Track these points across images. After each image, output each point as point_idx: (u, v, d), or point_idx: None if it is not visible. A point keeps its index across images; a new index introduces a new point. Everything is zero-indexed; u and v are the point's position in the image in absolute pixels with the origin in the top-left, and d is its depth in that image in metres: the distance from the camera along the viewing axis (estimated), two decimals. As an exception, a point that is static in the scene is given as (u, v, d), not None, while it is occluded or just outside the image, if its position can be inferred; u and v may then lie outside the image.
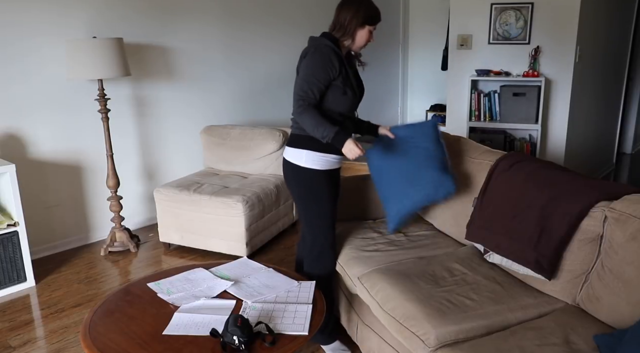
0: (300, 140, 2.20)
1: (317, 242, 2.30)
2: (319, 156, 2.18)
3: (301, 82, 2.10)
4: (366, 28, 2.17)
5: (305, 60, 2.12)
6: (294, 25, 5.03)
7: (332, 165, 2.24)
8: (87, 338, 1.71)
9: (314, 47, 2.13)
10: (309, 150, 2.17)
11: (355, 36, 2.18)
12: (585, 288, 1.92)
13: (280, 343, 1.66)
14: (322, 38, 2.15)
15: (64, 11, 3.39)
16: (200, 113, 4.31)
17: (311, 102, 2.08)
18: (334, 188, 2.28)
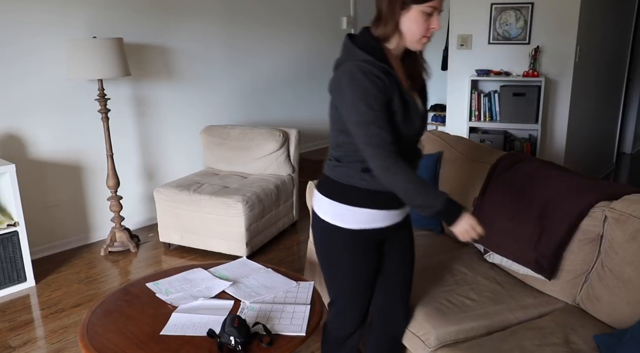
0: (327, 185, 1.62)
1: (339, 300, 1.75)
2: (347, 210, 1.57)
3: (358, 127, 1.45)
4: (414, 9, 1.45)
5: (343, 94, 1.47)
6: (296, 24, 5.03)
7: (371, 223, 1.60)
8: (85, 338, 1.71)
9: (348, 72, 1.45)
10: (336, 202, 1.58)
11: (401, 26, 1.48)
12: (585, 288, 1.92)
13: (277, 344, 1.66)
14: (356, 48, 1.48)
15: (64, 11, 3.39)
16: (200, 113, 4.31)
17: (391, 148, 1.44)
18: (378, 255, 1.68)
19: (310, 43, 5.23)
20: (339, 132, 1.56)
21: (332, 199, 1.59)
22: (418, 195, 1.45)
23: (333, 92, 1.52)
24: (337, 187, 1.59)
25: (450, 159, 2.62)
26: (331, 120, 1.58)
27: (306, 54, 5.21)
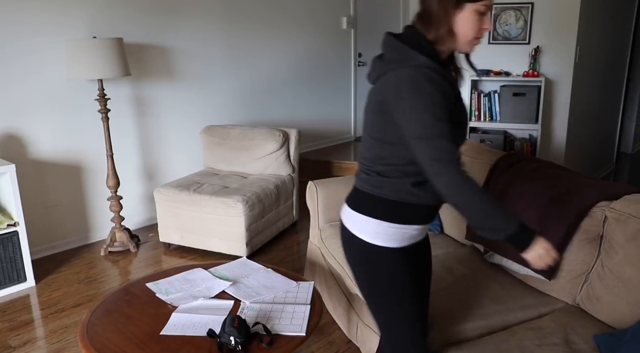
0: (368, 202, 1.45)
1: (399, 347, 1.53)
2: (392, 228, 1.43)
3: (423, 140, 1.29)
4: (468, 8, 1.33)
5: (403, 103, 1.30)
6: (296, 23, 5.03)
7: (412, 238, 1.50)
8: (84, 338, 1.71)
9: (409, 78, 1.30)
10: (379, 220, 1.43)
11: (454, 26, 1.35)
12: (585, 288, 1.92)
13: (277, 344, 1.66)
14: (411, 50, 1.34)
15: (63, 11, 3.39)
16: (200, 113, 4.31)
17: (460, 163, 1.30)
18: (417, 269, 1.57)
19: (311, 43, 5.23)
20: (383, 143, 1.40)
21: (374, 217, 1.42)
22: (489, 217, 1.29)
23: (385, 100, 1.35)
24: (380, 203, 1.42)
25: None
26: (372, 129, 1.42)
27: (306, 54, 5.21)
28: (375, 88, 1.41)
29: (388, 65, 1.37)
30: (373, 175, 1.44)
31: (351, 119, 5.94)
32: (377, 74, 1.40)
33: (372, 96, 1.42)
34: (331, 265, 2.55)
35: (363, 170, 1.47)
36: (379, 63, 1.41)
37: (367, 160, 1.46)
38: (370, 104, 1.42)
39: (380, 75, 1.38)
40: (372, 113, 1.41)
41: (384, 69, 1.38)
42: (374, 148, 1.43)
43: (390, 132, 1.37)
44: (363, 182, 1.46)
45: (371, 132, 1.43)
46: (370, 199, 1.44)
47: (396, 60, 1.36)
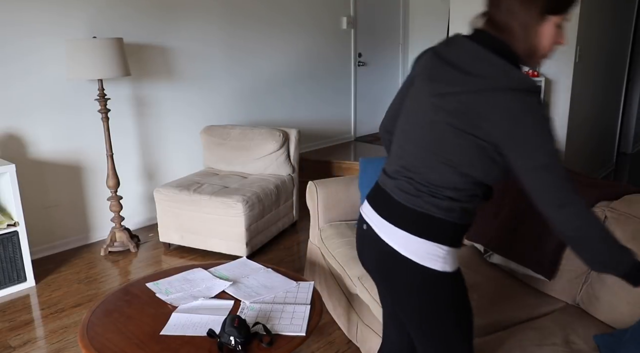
0: (437, 227, 1.29)
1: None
2: (454, 251, 1.34)
3: (545, 171, 1.15)
4: (551, 21, 1.21)
5: (521, 130, 1.15)
6: (296, 23, 5.03)
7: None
8: (84, 338, 1.71)
9: (522, 102, 1.15)
10: (447, 246, 1.30)
11: (536, 39, 1.23)
12: (585, 288, 1.92)
13: (277, 344, 1.66)
14: (515, 68, 1.19)
15: (63, 11, 3.39)
16: (200, 113, 4.31)
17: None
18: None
19: (311, 43, 5.23)
20: (457, 171, 1.25)
21: (442, 243, 1.29)
22: (609, 251, 1.18)
23: (485, 124, 1.18)
24: (450, 229, 1.29)
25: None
26: (443, 151, 1.25)
27: (306, 54, 5.21)
28: (460, 105, 1.20)
29: (484, 81, 1.18)
30: (444, 199, 1.27)
31: (351, 119, 5.94)
32: (463, 89, 1.20)
33: (449, 112, 1.22)
34: (331, 265, 2.55)
35: (428, 192, 1.28)
36: (459, 75, 1.22)
37: (433, 182, 1.27)
38: (446, 120, 1.23)
39: (471, 92, 1.19)
40: (448, 132, 1.23)
41: (479, 86, 1.18)
42: (444, 173, 1.26)
43: (470, 156, 1.23)
44: (430, 205, 1.27)
45: (440, 153, 1.26)
46: (441, 225, 1.28)
47: (494, 76, 1.18)
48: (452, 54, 1.27)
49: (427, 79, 1.31)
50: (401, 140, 1.37)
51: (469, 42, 1.26)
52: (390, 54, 6.34)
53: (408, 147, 1.34)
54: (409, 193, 1.30)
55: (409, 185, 1.31)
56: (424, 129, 1.29)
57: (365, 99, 6.08)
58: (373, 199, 1.41)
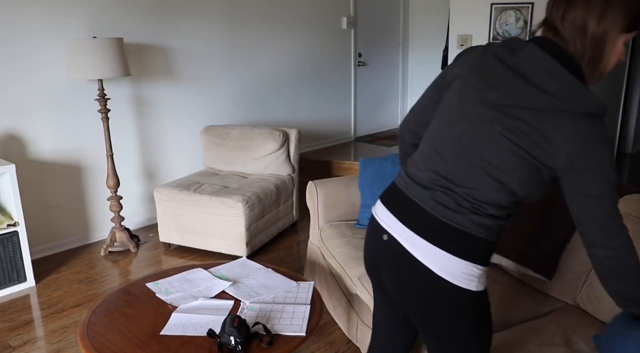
0: (477, 247, 1.21)
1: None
2: (486, 270, 1.27)
3: (603, 197, 1.13)
4: (623, 38, 1.16)
5: (593, 156, 1.10)
6: (295, 24, 5.03)
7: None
8: (84, 338, 1.71)
9: (595, 127, 1.10)
10: (482, 265, 1.24)
11: (603, 57, 1.16)
12: (585, 288, 1.92)
13: (277, 344, 1.66)
14: (583, 87, 1.11)
15: (64, 11, 3.39)
16: (200, 113, 4.31)
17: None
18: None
19: (310, 43, 5.23)
20: (506, 193, 1.18)
21: (478, 263, 1.21)
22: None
23: (550, 147, 1.11)
24: (489, 248, 1.23)
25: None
26: (496, 169, 1.16)
27: (306, 54, 5.21)
28: (525, 123, 1.12)
29: (558, 102, 1.09)
30: (486, 217, 1.20)
31: (351, 119, 5.94)
32: (533, 106, 1.11)
33: (509, 128, 1.14)
34: (331, 265, 2.55)
35: (470, 209, 1.20)
36: (531, 90, 1.12)
37: (477, 198, 1.19)
38: (503, 134, 1.15)
39: (540, 111, 1.11)
40: (504, 148, 1.15)
41: (551, 106, 1.10)
42: (490, 189, 1.18)
43: (522, 176, 1.16)
44: (472, 224, 1.19)
45: (490, 168, 1.17)
46: (481, 244, 1.21)
47: (569, 98, 1.09)
48: (522, 63, 1.14)
49: (482, 83, 1.19)
50: (438, 145, 1.26)
51: (540, 51, 1.14)
52: (390, 53, 6.34)
53: (448, 155, 1.23)
54: (448, 208, 1.21)
55: (448, 197, 1.21)
56: (474, 138, 1.19)
57: (365, 99, 6.08)
58: (394, 206, 1.30)
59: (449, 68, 1.34)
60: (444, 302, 1.23)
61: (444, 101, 1.30)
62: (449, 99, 1.28)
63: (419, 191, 1.26)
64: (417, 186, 1.27)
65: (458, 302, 1.23)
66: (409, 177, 1.31)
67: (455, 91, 1.26)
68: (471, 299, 1.23)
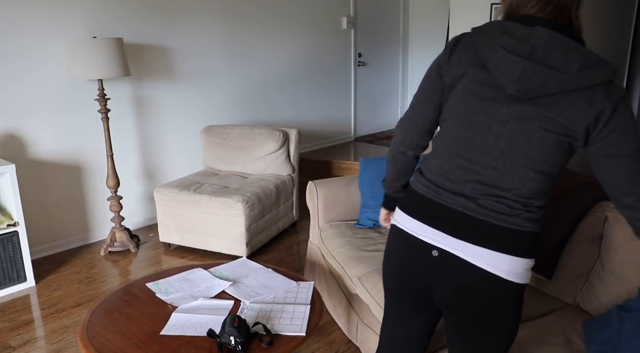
0: (532, 242, 1.23)
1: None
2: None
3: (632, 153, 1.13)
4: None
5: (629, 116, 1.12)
6: (295, 24, 5.03)
7: None
8: (84, 338, 1.71)
9: (625, 97, 1.13)
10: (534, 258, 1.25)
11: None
12: (585, 288, 1.92)
13: (277, 344, 1.66)
14: (593, 52, 1.14)
15: (64, 10, 3.39)
16: (200, 113, 4.31)
17: None
18: None
19: (310, 43, 5.23)
20: (548, 176, 1.19)
21: (531, 257, 1.22)
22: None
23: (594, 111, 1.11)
24: (538, 240, 1.24)
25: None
26: (534, 160, 1.17)
27: (306, 54, 5.21)
28: (562, 106, 1.12)
29: (585, 79, 1.10)
30: (536, 211, 1.21)
31: (351, 119, 5.94)
32: (564, 88, 1.11)
33: (543, 117, 1.14)
34: (331, 265, 2.55)
35: (523, 209, 1.20)
36: (556, 74, 1.10)
37: (527, 195, 1.19)
38: (540, 126, 1.14)
39: (570, 90, 1.11)
40: (546, 138, 1.15)
41: (580, 83, 1.10)
42: (536, 181, 1.18)
43: (564, 159, 1.18)
44: (527, 221, 1.20)
45: (534, 162, 1.17)
46: (536, 239, 1.22)
47: (592, 71, 1.10)
48: (537, 50, 1.11)
49: (501, 79, 1.15)
50: (471, 154, 1.22)
51: (551, 33, 1.11)
52: (390, 53, 6.34)
53: (488, 162, 1.20)
54: (502, 213, 1.20)
55: (499, 204, 1.20)
56: (514, 139, 1.17)
57: (365, 99, 6.08)
58: (437, 221, 1.25)
59: (442, 68, 1.27)
60: (505, 302, 1.23)
61: (456, 105, 1.24)
62: (463, 102, 1.22)
63: (461, 202, 1.23)
64: (456, 196, 1.24)
65: (517, 298, 1.24)
66: (440, 188, 1.26)
67: (469, 93, 1.21)
68: (523, 291, 1.25)
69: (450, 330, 1.37)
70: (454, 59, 1.24)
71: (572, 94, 1.11)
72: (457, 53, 1.24)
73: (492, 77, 1.17)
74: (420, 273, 1.31)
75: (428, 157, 1.35)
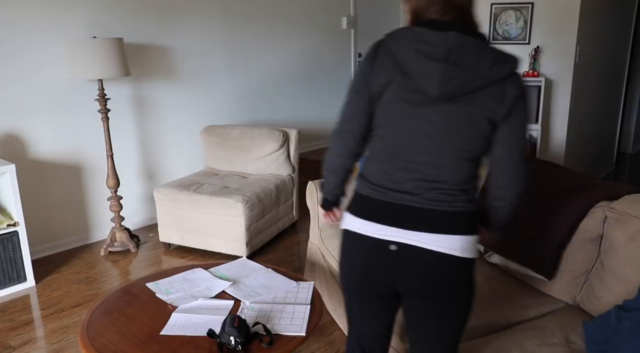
0: (473, 220, 1.37)
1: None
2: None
3: (523, 144, 1.34)
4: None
5: (528, 110, 1.32)
6: (295, 24, 5.03)
7: None
8: (84, 338, 1.71)
9: (522, 79, 1.30)
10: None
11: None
12: (585, 288, 1.92)
13: (277, 344, 1.66)
14: (499, 49, 1.28)
15: (64, 10, 3.39)
16: (200, 113, 4.31)
17: None
18: None
19: (311, 43, 5.23)
20: (477, 162, 1.34)
21: (475, 234, 1.36)
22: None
23: (506, 100, 1.26)
24: (475, 216, 1.38)
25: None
26: (465, 151, 1.30)
27: (306, 54, 5.21)
28: (487, 99, 1.25)
29: (497, 72, 1.24)
30: (472, 192, 1.36)
31: (351, 119, 5.93)
32: (481, 84, 1.24)
33: (474, 109, 1.26)
34: (331, 265, 2.55)
35: (462, 193, 1.33)
36: (472, 73, 1.22)
37: (462, 183, 1.32)
38: (471, 120, 1.27)
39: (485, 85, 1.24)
40: (473, 131, 1.28)
41: (493, 77, 1.24)
42: (469, 169, 1.33)
43: (487, 144, 1.32)
44: (466, 203, 1.33)
45: (466, 153, 1.30)
46: (475, 216, 1.37)
47: (501, 65, 1.24)
48: (451, 53, 1.22)
49: (424, 83, 1.25)
50: (408, 156, 1.32)
51: (461, 36, 1.23)
52: (390, 54, 6.33)
53: (425, 161, 1.31)
54: (446, 201, 1.32)
55: (442, 195, 1.31)
56: (447, 137, 1.28)
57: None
58: (389, 218, 1.34)
59: (368, 78, 1.33)
60: (463, 277, 1.37)
61: (387, 113, 1.32)
62: (394, 109, 1.31)
63: (408, 198, 1.33)
64: (403, 194, 1.34)
65: (472, 273, 1.38)
66: (386, 189, 1.36)
67: (398, 100, 1.30)
68: (475, 265, 1.39)
69: (419, 318, 1.44)
70: (377, 68, 1.31)
71: (487, 88, 1.25)
72: (379, 62, 1.31)
73: (416, 83, 1.26)
74: (385, 269, 1.38)
75: (367, 162, 1.42)
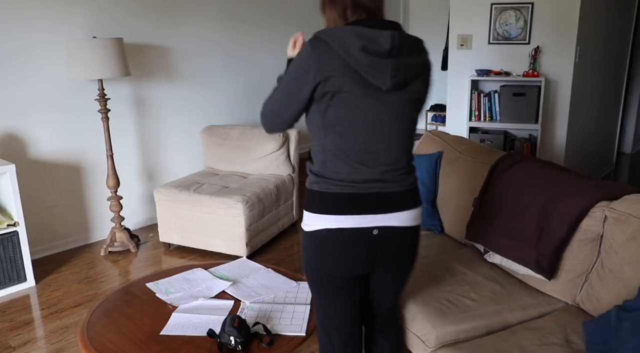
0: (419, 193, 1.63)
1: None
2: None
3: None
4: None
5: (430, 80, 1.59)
6: (295, 24, 5.03)
7: None
8: (84, 338, 1.71)
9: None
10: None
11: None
12: (585, 288, 1.92)
13: (277, 343, 1.66)
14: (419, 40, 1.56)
15: (64, 10, 3.39)
16: (200, 113, 4.31)
17: None
18: None
19: (310, 43, 5.23)
20: (412, 135, 1.54)
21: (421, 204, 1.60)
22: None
23: (428, 81, 1.52)
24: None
25: (451, 159, 2.63)
26: (409, 129, 1.51)
27: (306, 54, 5.21)
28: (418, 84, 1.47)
29: (426, 61, 1.49)
30: (413, 167, 1.57)
31: (351, 119, 5.93)
32: (417, 72, 1.45)
33: (413, 94, 1.47)
34: (331, 265, 2.55)
35: (409, 170, 1.53)
36: (411, 64, 1.43)
37: (406, 160, 1.52)
38: (411, 104, 1.48)
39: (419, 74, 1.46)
40: (412, 112, 1.50)
41: (425, 65, 1.48)
42: (409, 150, 1.53)
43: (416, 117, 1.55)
44: (414, 179, 1.55)
45: (408, 132, 1.51)
46: (418, 192, 1.58)
47: (425, 54, 1.50)
48: (393, 49, 1.37)
49: (374, 78, 1.38)
50: (368, 147, 1.45)
51: (396, 33, 1.39)
52: (390, 54, 6.34)
53: (382, 149, 1.46)
54: (403, 181, 1.51)
55: (400, 176, 1.50)
56: (397, 123, 1.46)
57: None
58: (367, 207, 1.47)
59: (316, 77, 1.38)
60: (418, 241, 1.62)
61: (345, 111, 1.41)
62: (351, 106, 1.40)
63: (377, 185, 1.47)
64: (372, 183, 1.47)
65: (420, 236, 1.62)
66: (355, 182, 1.46)
67: (354, 97, 1.39)
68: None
69: (383, 281, 1.63)
70: (327, 69, 1.37)
71: (420, 74, 1.46)
72: (326, 62, 1.37)
73: (367, 78, 1.38)
74: (369, 252, 1.51)
75: (325, 161, 1.47)
